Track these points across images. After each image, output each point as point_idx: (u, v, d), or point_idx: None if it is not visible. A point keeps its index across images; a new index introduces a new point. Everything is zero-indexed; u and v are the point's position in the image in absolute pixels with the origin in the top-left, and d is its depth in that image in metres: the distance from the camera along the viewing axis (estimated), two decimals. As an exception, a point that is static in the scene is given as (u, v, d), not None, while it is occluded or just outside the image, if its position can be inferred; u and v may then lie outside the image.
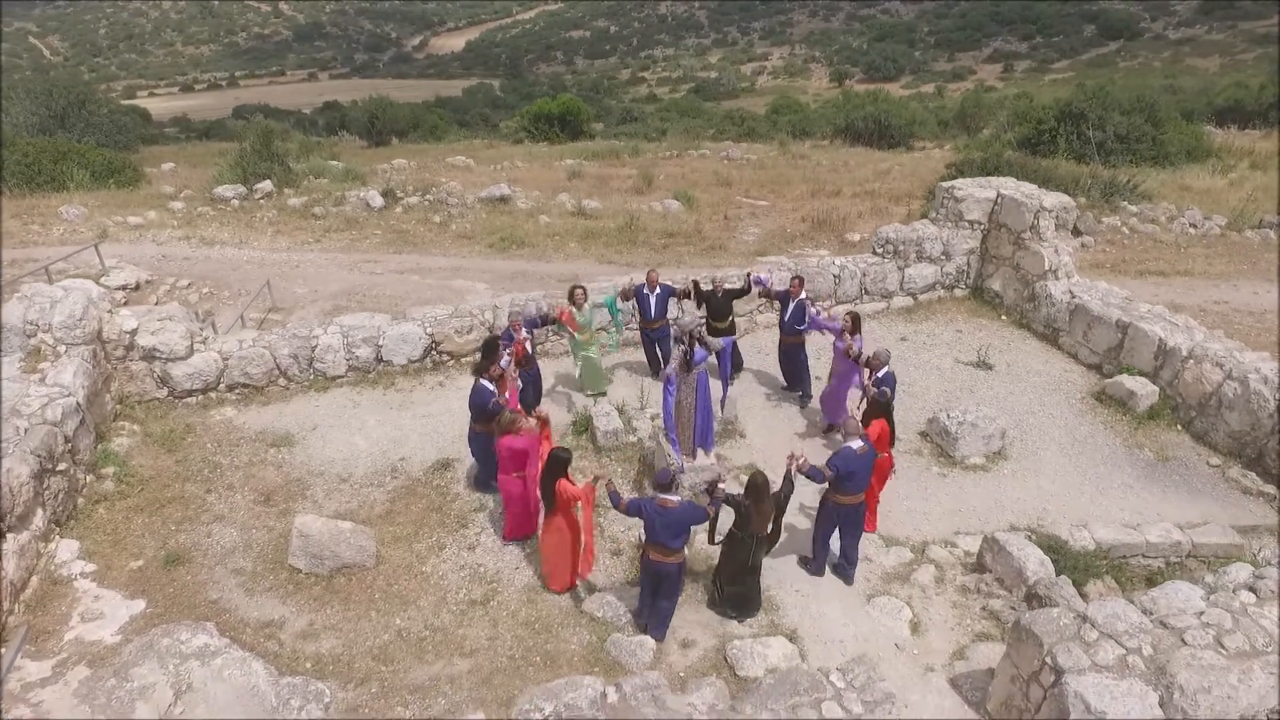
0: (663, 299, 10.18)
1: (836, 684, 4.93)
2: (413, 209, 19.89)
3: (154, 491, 8.49)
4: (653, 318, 10.24)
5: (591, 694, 4.56)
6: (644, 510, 6.35)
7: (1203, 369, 9.59)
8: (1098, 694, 4.99)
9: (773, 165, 28.05)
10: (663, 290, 10.18)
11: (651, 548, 6.42)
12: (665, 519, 6.28)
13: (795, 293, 9.91)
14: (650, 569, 6.50)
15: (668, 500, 6.32)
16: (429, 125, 49.76)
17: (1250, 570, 6.02)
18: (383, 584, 7.39)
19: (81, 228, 17.38)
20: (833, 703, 4.75)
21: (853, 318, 9.03)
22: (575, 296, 9.70)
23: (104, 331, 9.41)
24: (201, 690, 6.19)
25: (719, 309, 10.22)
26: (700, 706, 4.73)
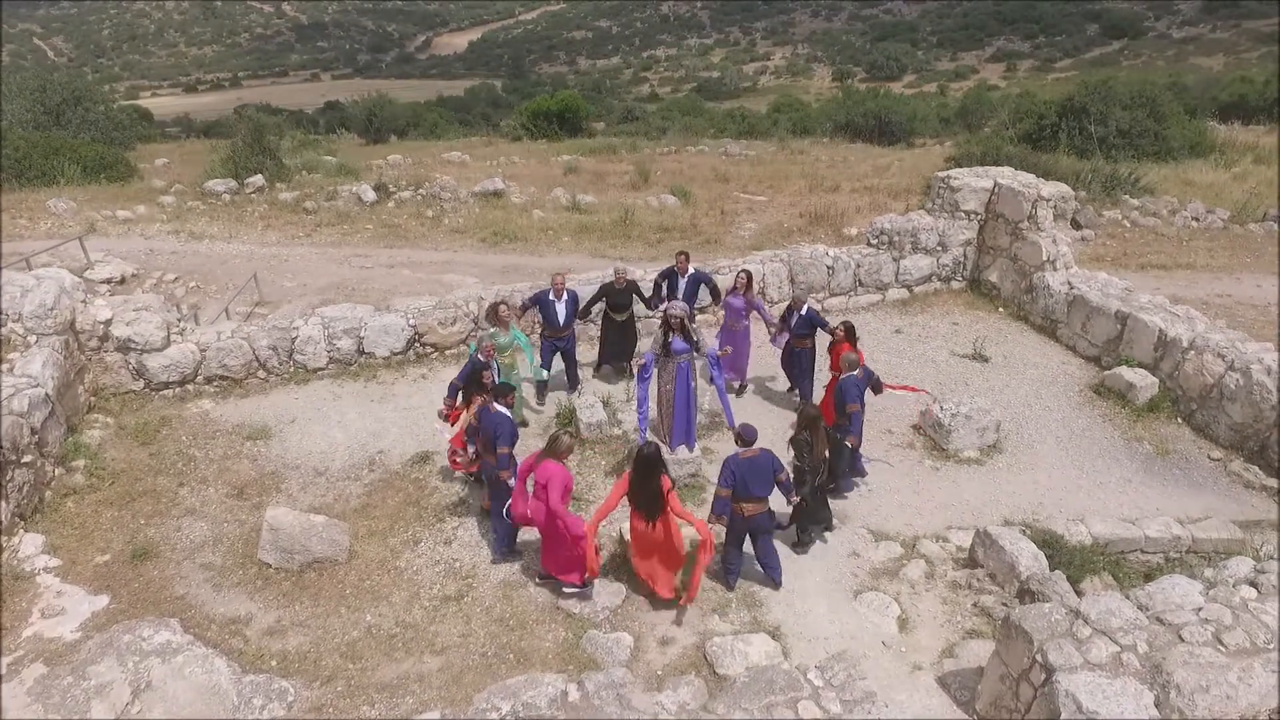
0: (571, 305, 9.44)
1: (814, 682, 4.69)
2: (405, 203, 19.68)
3: (125, 485, 8.28)
4: (561, 326, 9.38)
5: (552, 692, 4.33)
6: (735, 470, 6.53)
7: (1204, 360, 9.33)
8: (1090, 693, 4.75)
9: (771, 161, 27.81)
10: (570, 295, 9.45)
11: (745, 503, 6.62)
12: (754, 469, 6.56)
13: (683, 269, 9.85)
14: (744, 525, 6.73)
15: (750, 451, 6.61)
16: (429, 123, 49.63)
17: (1251, 564, 5.77)
18: (355, 579, 7.16)
19: (69, 222, 17.19)
20: (810, 702, 4.51)
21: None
22: (499, 313, 8.60)
23: (77, 322, 9.21)
24: (161, 689, 5.98)
25: (619, 302, 9.82)
26: (669, 706, 4.50)
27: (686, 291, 9.70)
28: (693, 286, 9.77)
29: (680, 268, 9.81)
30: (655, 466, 6.34)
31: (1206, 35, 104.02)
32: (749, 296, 9.60)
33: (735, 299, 9.68)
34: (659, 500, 6.38)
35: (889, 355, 11.09)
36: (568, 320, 9.36)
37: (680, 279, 9.78)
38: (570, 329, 9.47)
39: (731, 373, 9.84)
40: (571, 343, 9.60)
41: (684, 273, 9.78)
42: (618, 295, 9.70)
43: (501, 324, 8.48)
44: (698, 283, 9.81)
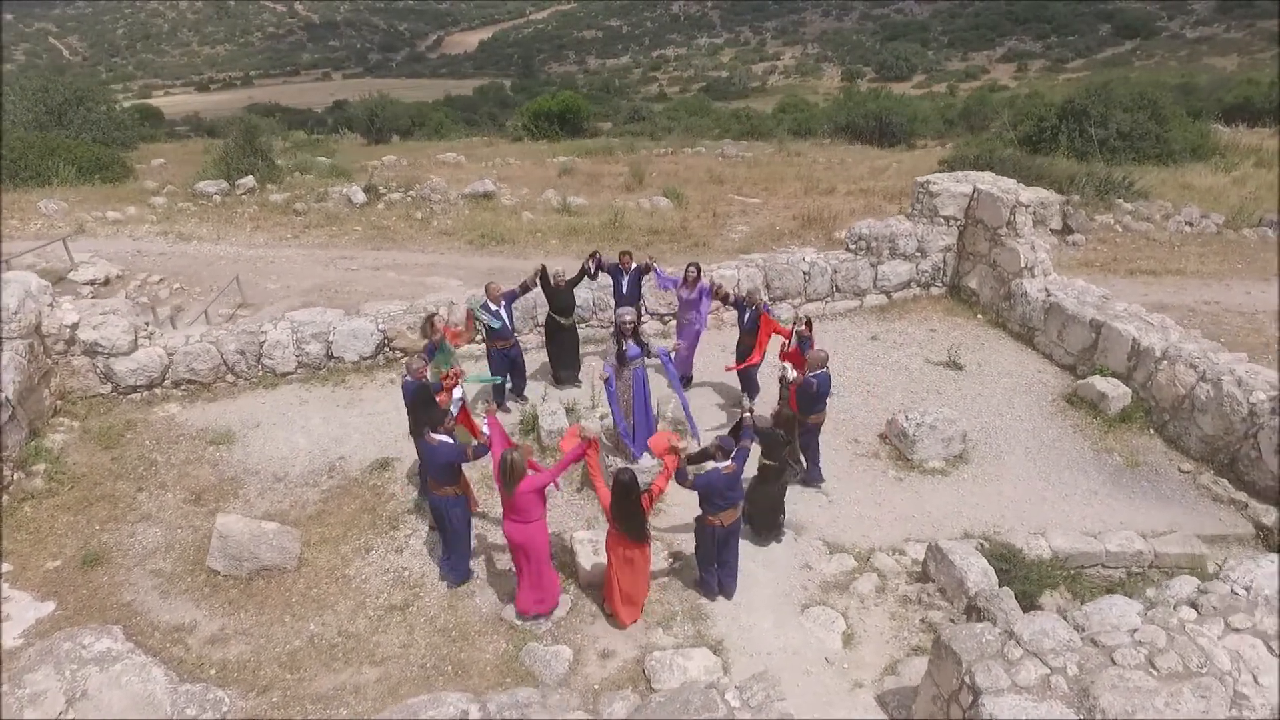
0: (509, 311, 9.26)
1: (731, 702, 4.62)
2: (395, 205, 19.71)
3: (84, 490, 8.30)
4: (508, 335, 9.27)
5: (452, 713, 4.28)
6: (713, 483, 6.45)
7: (1176, 370, 9.19)
8: (1014, 716, 4.66)
9: (768, 163, 27.69)
10: (508, 300, 9.25)
11: (719, 515, 6.54)
12: (731, 480, 6.51)
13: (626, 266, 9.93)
14: (718, 533, 6.62)
15: (730, 466, 6.52)
16: (434, 123, 49.76)
17: (1195, 584, 5.65)
18: (302, 587, 7.15)
19: (60, 223, 17.30)
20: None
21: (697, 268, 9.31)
22: (435, 324, 8.41)
23: (43, 325, 9.24)
24: (95, 698, 5.96)
25: (564, 304, 9.78)
26: None
27: (630, 288, 9.71)
28: (635, 280, 9.78)
29: (624, 265, 9.81)
30: (634, 490, 6.21)
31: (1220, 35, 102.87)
32: (702, 284, 9.70)
33: (686, 293, 9.75)
34: (642, 520, 6.31)
35: (862, 362, 11.00)
36: (512, 327, 9.32)
37: (623, 277, 9.77)
38: (513, 336, 9.40)
39: (682, 365, 10.00)
40: (519, 350, 9.54)
41: (627, 270, 9.78)
42: (560, 298, 9.66)
43: (437, 334, 8.35)
44: (640, 276, 9.81)
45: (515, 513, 6.37)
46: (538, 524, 6.46)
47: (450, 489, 6.84)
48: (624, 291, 9.87)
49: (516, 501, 6.31)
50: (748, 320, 9.33)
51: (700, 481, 6.51)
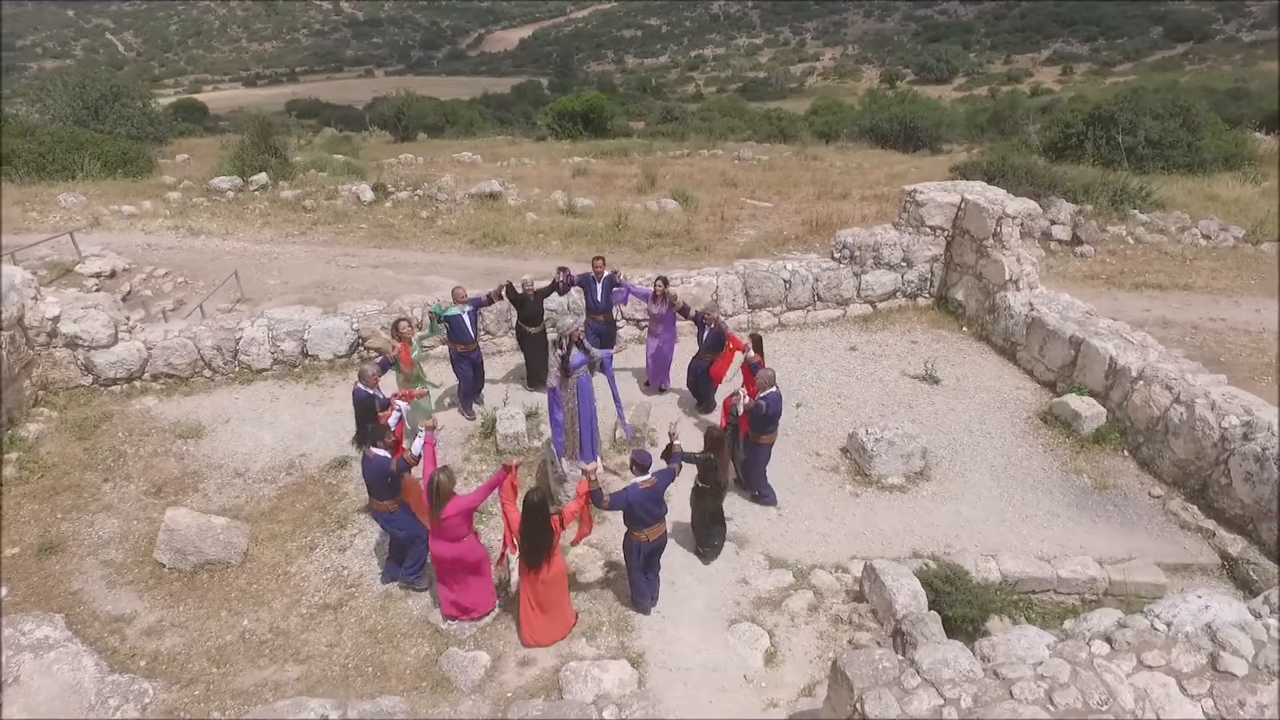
0: (474, 315, 9.38)
1: (606, 718, 4.60)
2: (402, 204, 19.98)
3: (53, 479, 8.56)
4: (471, 339, 9.35)
5: (312, 717, 4.33)
6: (630, 499, 6.44)
7: (1151, 391, 8.91)
8: (897, 749, 4.57)
9: (783, 166, 27.50)
10: (473, 306, 9.37)
11: (644, 530, 6.54)
12: (653, 495, 6.51)
13: (599, 273, 9.89)
14: (644, 548, 6.64)
15: (648, 480, 6.50)
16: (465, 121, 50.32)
17: (1116, 618, 5.47)
18: (243, 583, 7.29)
19: (78, 215, 17.86)
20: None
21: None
22: (400, 330, 8.58)
23: (26, 318, 9.54)
24: (26, 684, 6.15)
25: (532, 313, 9.79)
26: None
27: (603, 294, 9.71)
28: (608, 288, 9.78)
29: (596, 271, 9.81)
30: (542, 511, 6.22)
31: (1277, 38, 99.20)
32: (668, 300, 9.67)
33: (656, 306, 9.73)
34: (547, 542, 6.29)
35: (837, 373, 10.85)
36: (475, 331, 9.35)
37: (596, 283, 9.78)
38: (476, 342, 9.45)
39: (658, 376, 10.14)
40: (479, 354, 9.58)
41: (600, 277, 9.78)
42: (527, 307, 9.69)
43: (403, 339, 8.45)
44: (612, 285, 9.80)
45: (442, 533, 6.40)
46: (466, 542, 6.49)
47: (386, 503, 6.87)
48: (597, 299, 9.87)
49: (443, 523, 6.33)
50: (707, 337, 9.27)
51: (616, 499, 6.49)
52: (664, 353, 9.91)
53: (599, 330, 9.90)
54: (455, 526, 6.34)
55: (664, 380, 10.20)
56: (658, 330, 9.83)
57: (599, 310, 9.91)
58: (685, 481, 7.31)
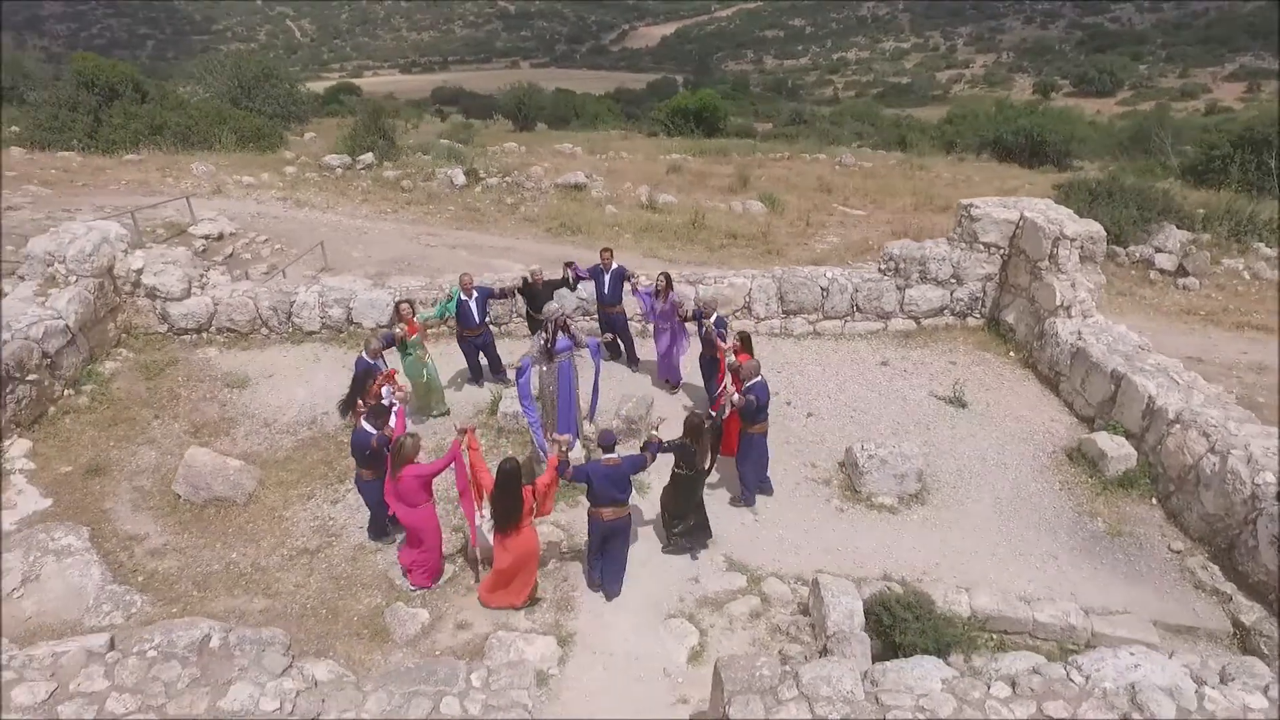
0: (481, 303, 9.66)
1: (473, 683, 4.79)
2: (490, 189, 20.85)
3: (115, 411, 9.66)
4: (476, 324, 9.66)
5: (197, 635, 4.77)
6: (591, 474, 6.70)
7: (1187, 436, 8.17)
8: (746, 753, 4.54)
9: (885, 175, 26.61)
10: (480, 293, 9.67)
11: (602, 508, 6.74)
12: (613, 475, 6.69)
13: (607, 264, 10.06)
14: (602, 527, 6.82)
15: (612, 459, 6.72)
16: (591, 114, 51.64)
17: (1033, 663, 5.16)
18: (242, 520, 8.00)
19: (205, 183, 19.77)
20: (454, 699, 4.64)
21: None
22: (401, 311, 9.08)
23: (115, 268, 10.77)
24: (43, 582, 7.06)
25: (542, 302, 9.73)
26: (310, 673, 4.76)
27: (611, 286, 9.86)
28: (616, 281, 9.91)
29: (605, 263, 9.98)
30: (516, 478, 6.48)
31: None
32: (671, 298, 9.77)
33: (659, 303, 9.83)
34: (517, 511, 6.52)
35: (860, 387, 10.55)
36: (481, 317, 9.70)
37: (605, 275, 9.94)
38: (484, 326, 9.81)
39: (666, 375, 10.23)
40: (488, 337, 9.95)
41: (608, 268, 9.94)
42: (537, 297, 9.95)
43: (406, 321, 8.92)
44: (621, 278, 9.93)
45: (400, 496, 6.77)
46: (423, 509, 6.84)
47: (367, 472, 7.24)
48: (606, 290, 10.07)
49: (400, 485, 6.70)
50: (705, 333, 9.28)
51: (578, 472, 6.73)
52: (671, 349, 9.97)
53: (611, 320, 10.08)
54: (412, 491, 6.71)
55: (675, 376, 10.26)
56: (664, 327, 9.90)
57: (608, 302, 10.10)
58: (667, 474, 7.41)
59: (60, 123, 21.76)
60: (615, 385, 10.02)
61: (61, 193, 17.76)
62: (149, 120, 22.53)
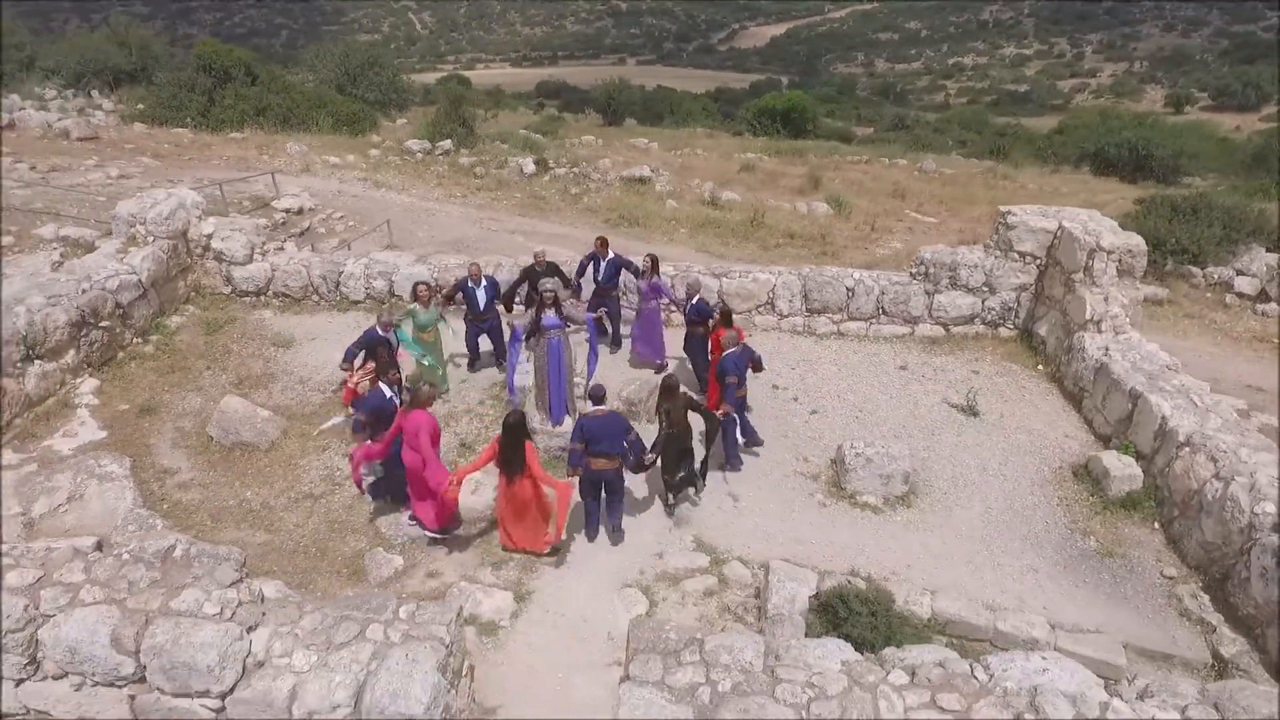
0: (490, 290, 10.03)
1: (400, 615, 5.22)
2: (558, 179, 21.48)
3: (173, 360, 10.69)
4: (481, 310, 10.04)
5: (163, 545, 5.38)
6: (584, 427, 7.22)
7: (1195, 460, 7.81)
8: (633, 706, 4.80)
9: (966, 183, 25.82)
10: (489, 282, 10.04)
11: (594, 459, 7.26)
12: (603, 427, 7.19)
13: (602, 253, 10.35)
14: (593, 476, 7.38)
15: (600, 410, 7.28)
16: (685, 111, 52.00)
17: (941, 656, 5.18)
18: (263, 464, 8.77)
19: (297, 161, 21.23)
20: (380, 626, 5.08)
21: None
22: (418, 293, 9.50)
23: (189, 232, 11.87)
24: (85, 501, 7.97)
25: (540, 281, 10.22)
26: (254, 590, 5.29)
27: (607, 274, 10.15)
28: (612, 270, 10.20)
29: (600, 252, 10.26)
30: (520, 431, 7.03)
31: None
32: (654, 280, 10.17)
33: (641, 282, 10.22)
34: (519, 461, 7.05)
35: (872, 388, 10.49)
36: (488, 304, 10.04)
37: (600, 262, 10.24)
38: (491, 312, 10.13)
39: (648, 350, 10.52)
40: (495, 323, 10.28)
41: (604, 257, 10.22)
42: (538, 278, 10.30)
43: (422, 302, 9.43)
44: (617, 267, 10.23)
45: (406, 439, 7.32)
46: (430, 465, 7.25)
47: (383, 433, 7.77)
48: (600, 276, 10.39)
49: (408, 421, 7.21)
50: (690, 310, 9.58)
51: (575, 434, 7.28)
52: (650, 328, 10.34)
53: (603, 301, 10.47)
54: (414, 433, 7.15)
55: (660, 355, 10.55)
56: (644, 307, 10.25)
57: (602, 286, 10.41)
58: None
59: (178, 101, 23.78)
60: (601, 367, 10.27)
61: (169, 165, 19.49)
62: (255, 102, 24.30)
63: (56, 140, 20.46)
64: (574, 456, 7.31)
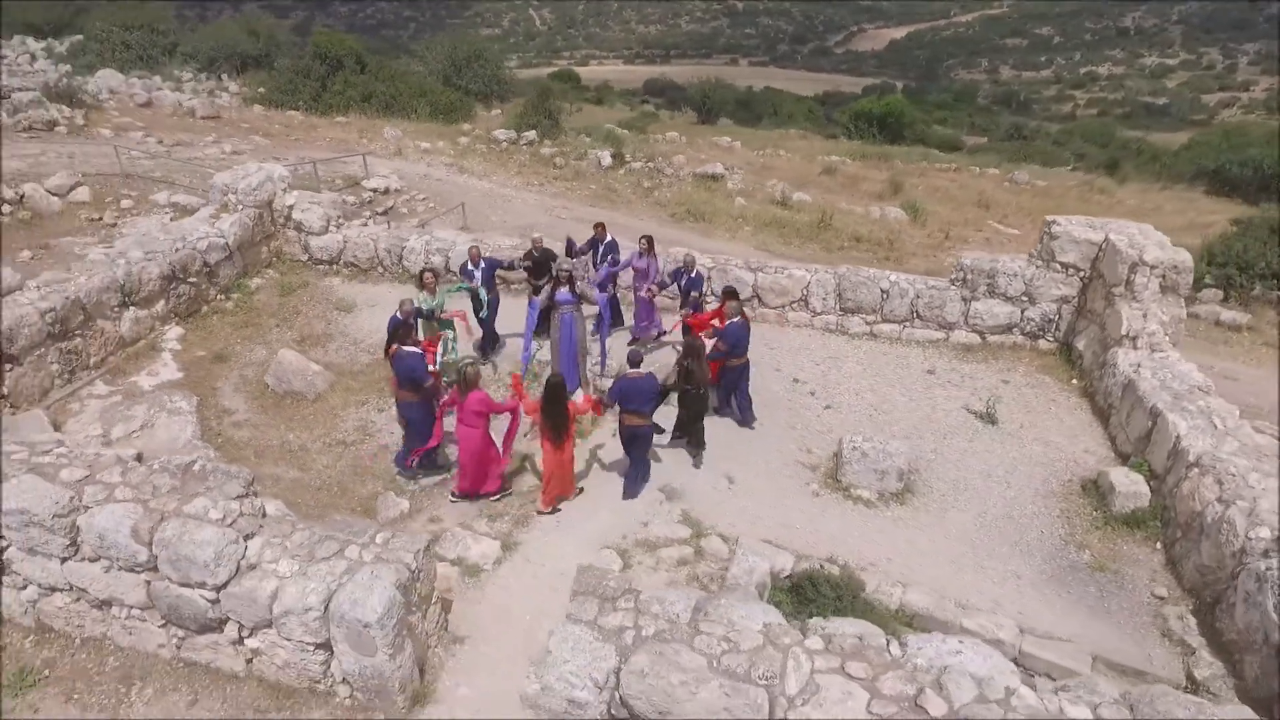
0: (488, 273, 10.39)
1: (376, 540, 5.86)
2: (632, 173, 22.07)
3: (249, 317, 11.88)
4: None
5: (185, 460, 6.23)
6: (623, 389, 7.92)
7: (1201, 482, 7.59)
8: (560, 640, 5.28)
9: (1060, 196, 24.83)
10: (487, 264, 10.39)
11: (627, 415, 7.97)
12: (637, 388, 7.86)
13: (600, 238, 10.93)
14: (624, 432, 8.16)
15: (637, 373, 7.92)
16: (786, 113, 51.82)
17: (863, 629, 5.39)
18: (307, 412, 9.72)
19: (390, 145, 22.66)
20: (356, 547, 5.73)
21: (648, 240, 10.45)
22: (425, 280, 9.77)
23: (274, 203, 13.09)
24: (155, 429, 9.10)
25: (540, 267, 10.57)
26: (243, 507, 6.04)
27: (485, 280, 10.54)
28: (489, 275, 10.62)
29: (599, 236, 10.73)
30: (561, 392, 7.66)
31: None
32: (651, 260, 10.74)
33: (640, 261, 10.69)
34: (565, 423, 7.70)
35: (893, 389, 10.54)
36: (486, 285, 10.45)
37: (599, 246, 10.73)
38: (491, 292, 10.55)
39: (649, 328, 10.98)
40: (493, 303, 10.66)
41: (602, 240, 10.70)
42: (537, 261, 10.70)
43: (428, 290, 9.86)
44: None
45: (462, 418, 7.89)
46: (478, 431, 7.90)
47: (410, 395, 8.36)
48: (598, 260, 10.85)
49: (464, 408, 7.78)
50: (685, 284, 10.23)
51: (613, 390, 7.98)
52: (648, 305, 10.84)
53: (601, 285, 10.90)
54: (472, 415, 7.75)
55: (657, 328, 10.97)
56: (639, 285, 10.74)
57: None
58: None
59: (293, 86, 25.76)
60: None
61: (277, 144, 21.23)
62: (362, 89, 26.03)
63: (184, 118, 22.64)
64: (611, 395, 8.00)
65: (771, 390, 10.42)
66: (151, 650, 6.05)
